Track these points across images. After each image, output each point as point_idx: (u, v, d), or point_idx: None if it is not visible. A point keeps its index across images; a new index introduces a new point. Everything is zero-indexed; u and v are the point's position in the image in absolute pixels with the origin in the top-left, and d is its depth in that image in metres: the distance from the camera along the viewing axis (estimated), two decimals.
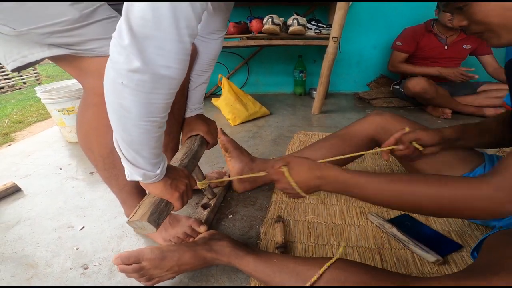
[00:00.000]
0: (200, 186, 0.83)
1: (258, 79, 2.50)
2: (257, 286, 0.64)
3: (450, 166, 0.75)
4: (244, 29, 1.86)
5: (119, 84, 0.42)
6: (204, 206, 0.89)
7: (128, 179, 0.53)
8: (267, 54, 2.39)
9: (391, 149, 0.70)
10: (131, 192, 0.75)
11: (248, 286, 0.65)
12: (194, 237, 0.76)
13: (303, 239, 0.78)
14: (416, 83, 1.69)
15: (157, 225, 0.55)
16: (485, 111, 1.68)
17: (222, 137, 0.97)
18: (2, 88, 3.81)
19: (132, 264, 0.60)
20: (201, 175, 0.85)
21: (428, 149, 0.68)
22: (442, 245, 0.72)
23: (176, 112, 0.81)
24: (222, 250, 0.64)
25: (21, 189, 1.13)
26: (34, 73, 4.40)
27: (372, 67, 2.33)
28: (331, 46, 1.63)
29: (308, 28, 1.82)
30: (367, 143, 0.88)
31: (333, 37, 1.60)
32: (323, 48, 1.68)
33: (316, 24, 1.82)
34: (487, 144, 0.73)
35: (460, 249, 0.72)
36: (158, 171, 0.54)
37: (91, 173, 1.22)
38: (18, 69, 0.57)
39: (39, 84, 4.20)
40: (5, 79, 3.90)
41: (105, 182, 0.74)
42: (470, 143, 0.71)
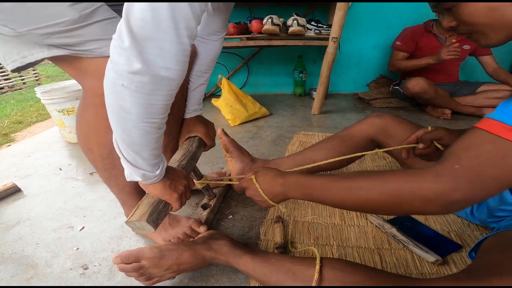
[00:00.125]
0: (199, 186, 0.83)
1: (258, 80, 2.51)
2: (257, 286, 0.64)
3: None
4: (244, 30, 1.86)
5: (119, 86, 0.42)
6: (204, 207, 0.89)
7: (127, 180, 0.53)
8: (267, 55, 2.39)
9: (412, 147, 0.69)
10: (131, 193, 0.75)
11: (247, 286, 0.65)
12: (194, 238, 0.76)
13: (302, 239, 0.78)
14: (416, 83, 1.69)
15: (156, 225, 0.56)
16: (485, 112, 1.68)
17: (223, 137, 0.97)
18: (2, 88, 3.81)
19: (131, 263, 0.60)
20: (199, 176, 0.84)
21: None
22: (441, 246, 0.72)
23: (175, 113, 0.81)
24: (221, 249, 0.64)
25: (21, 189, 1.13)
26: (34, 74, 4.40)
27: (371, 67, 2.34)
28: (330, 47, 1.63)
29: (308, 29, 1.82)
30: (367, 144, 0.88)
31: (332, 37, 1.60)
32: (323, 49, 1.68)
33: (316, 24, 1.82)
34: None
35: (460, 249, 0.72)
36: (157, 171, 0.54)
37: (91, 174, 1.22)
38: (18, 69, 0.57)
39: (39, 84, 4.20)
40: (5, 80, 3.90)
41: (104, 183, 0.75)
42: None
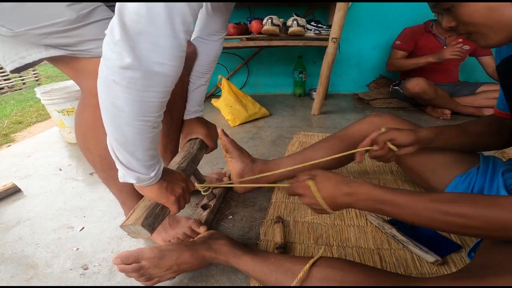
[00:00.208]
0: (201, 190, 0.82)
1: (258, 80, 2.51)
2: (257, 286, 0.64)
3: (445, 167, 0.75)
4: (243, 30, 1.86)
5: (111, 82, 0.41)
6: (204, 207, 0.89)
7: (120, 181, 0.51)
8: (267, 55, 2.39)
9: (367, 150, 0.70)
10: (131, 193, 0.75)
11: (247, 286, 0.65)
12: (193, 238, 0.76)
13: (302, 239, 0.78)
14: (415, 83, 1.69)
15: (152, 230, 0.54)
16: (484, 112, 1.69)
17: (223, 137, 0.97)
18: (2, 89, 3.81)
19: (131, 264, 0.60)
20: (201, 179, 0.83)
21: (403, 150, 0.68)
22: (441, 246, 0.72)
23: (174, 113, 0.80)
24: (221, 249, 0.64)
25: (21, 189, 1.13)
26: (34, 74, 4.41)
27: (371, 67, 2.34)
28: (330, 47, 1.63)
29: (307, 29, 1.82)
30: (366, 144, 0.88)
31: (332, 38, 1.60)
32: (323, 49, 1.69)
33: (315, 25, 1.83)
34: (467, 147, 0.73)
35: (459, 249, 0.72)
36: (152, 173, 0.52)
37: (91, 174, 1.22)
38: (16, 70, 0.57)
39: (38, 84, 4.20)
40: (5, 80, 3.90)
41: (104, 183, 0.74)
42: (447, 145, 0.71)
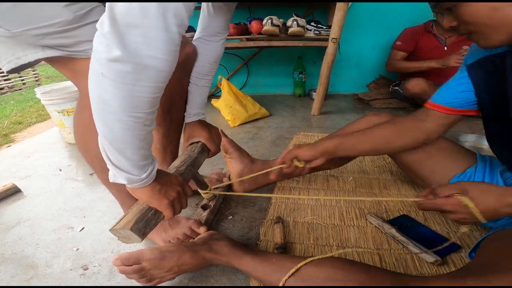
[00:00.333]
0: (204, 195, 0.81)
1: (258, 80, 2.51)
2: (257, 286, 0.64)
3: (444, 167, 0.76)
4: (243, 30, 1.87)
5: (99, 75, 0.39)
6: (204, 207, 0.89)
7: (110, 181, 0.49)
8: (267, 55, 2.39)
9: (280, 168, 0.76)
10: (130, 194, 0.75)
11: (247, 286, 0.65)
12: (193, 238, 0.76)
13: (302, 240, 0.79)
14: (415, 84, 1.70)
15: (143, 235, 0.52)
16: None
17: (223, 138, 0.97)
18: (2, 89, 3.81)
19: (132, 265, 0.60)
20: (202, 183, 0.79)
21: (313, 163, 0.74)
22: (441, 246, 0.72)
23: (174, 114, 0.80)
24: (221, 250, 0.64)
25: (21, 190, 1.13)
26: (34, 74, 4.41)
27: (371, 68, 2.34)
28: (330, 47, 1.64)
29: (307, 29, 1.82)
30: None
31: (332, 38, 1.60)
32: (323, 49, 1.69)
33: (315, 25, 1.83)
34: (370, 152, 0.77)
35: (459, 249, 0.72)
36: (144, 175, 0.50)
37: (91, 174, 1.22)
38: (13, 70, 0.56)
39: (38, 85, 4.20)
40: (5, 80, 3.90)
41: (103, 184, 0.74)
42: (352, 153, 0.76)
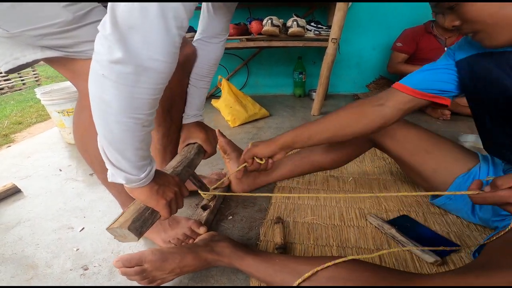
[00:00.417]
0: (204, 197, 0.81)
1: (258, 81, 2.51)
2: (257, 286, 0.65)
3: (446, 167, 0.76)
4: (243, 31, 1.87)
5: (100, 76, 0.40)
6: (204, 208, 0.89)
7: (109, 180, 0.50)
8: (267, 56, 2.39)
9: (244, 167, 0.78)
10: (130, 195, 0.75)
11: (248, 286, 0.65)
12: (193, 239, 0.76)
13: (302, 240, 0.79)
14: None
15: (139, 234, 0.52)
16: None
17: (221, 138, 0.97)
18: (2, 89, 3.81)
19: (133, 267, 0.60)
20: (202, 184, 0.80)
21: (274, 157, 0.77)
22: (441, 246, 0.72)
23: (174, 115, 0.80)
24: (223, 251, 0.64)
25: (21, 190, 1.13)
26: (34, 74, 4.41)
27: (371, 68, 2.34)
28: (330, 48, 1.64)
29: (307, 30, 1.82)
30: (364, 143, 0.89)
31: (332, 38, 1.60)
32: (323, 50, 1.69)
33: (315, 25, 1.83)
34: (328, 140, 0.79)
35: (459, 250, 0.72)
36: (142, 175, 0.50)
37: (91, 175, 1.22)
38: (11, 71, 0.56)
39: (38, 85, 4.20)
40: (5, 80, 3.90)
41: (103, 184, 0.74)
42: (312, 142, 0.77)
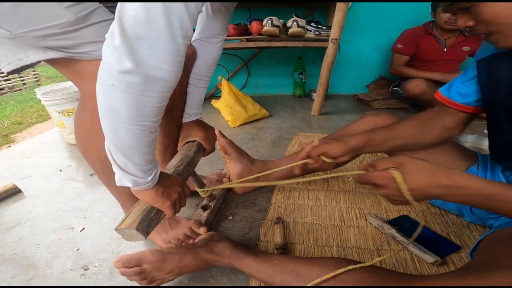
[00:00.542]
0: (202, 194, 0.82)
1: (258, 81, 2.51)
2: (257, 286, 0.65)
3: (445, 166, 0.75)
4: (243, 31, 1.87)
5: (109, 85, 0.41)
6: (204, 208, 0.89)
7: (117, 184, 0.51)
8: (267, 56, 2.39)
9: (304, 163, 0.74)
10: (131, 195, 0.74)
11: (247, 286, 0.65)
12: (194, 239, 0.76)
13: (302, 240, 0.79)
14: (416, 84, 1.70)
15: (146, 234, 0.54)
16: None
17: (221, 139, 0.97)
18: (2, 89, 3.81)
19: (133, 267, 0.60)
20: (200, 183, 0.82)
21: (338, 159, 0.72)
22: (441, 246, 0.73)
23: (175, 115, 0.81)
24: (223, 252, 0.64)
25: (21, 190, 1.13)
26: (34, 75, 4.40)
27: (371, 68, 2.34)
28: (330, 48, 1.64)
29: (307, 30, 1.82)
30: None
31: (332, 38, 1.60)
32: (323, 50, 1.69)
33: (315, 25, 1.83)
34: (400, 148, 0.75)
35: (459, 250, 0.72)
36: (149, 178, 0.52)
37: (91, 175, 1.22)
38: (13, 72, 0.56)
39: (39, 85, 4.20)
40: (5, 80, 3.90)
41: (104, 185, 0.75)
42: (380, 149, 0.75)
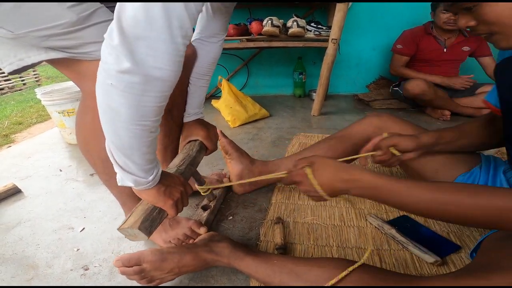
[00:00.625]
0: (202, 192, 0.82)
1: (258, 81, 2.51)
2: (257, 286, 0.65)
3: (447, 167, 0.75)
4: (243, 31, 1.87)
5: (108, 85, 0.41)
6: (204, 208, 0.89)
7: (119, 184, 0.51)
8: (267, 56, 2.39)
9: (371, 155, 0.72)
10: (131, 195, 0.74)
11: (247, 286, 0.65)
12: (194, 239, 0.76)
13: (302, 240, 0.79)
14: (416, 85, 1.70)
15: (149, 233, 0.54)
16: (484, 113, 1.69)
17: (222, 139, 0.97)
18: (2, 89, 3.81)
19: (133, 267, 0.60)
20: (202, 182, 0.82)
21: (406, 155, 0.69)
22: (441, 246, 0.73)
23: (175, 114, 0.81)
24: (222, 252, 0.64)
25: (21, 190, 1.13)
26: (34, 75, 4.40)
27: (371, 68, 2.34)
28: (330, 48, 1.64)
29: (307, 30, 1.82)
30: (366, 144, 0.88)
31: (332, 39, 1.60)
32: (323, 50, 1.69)
33: (315, 26, 1.83)
34: (467, 147, 0.74)
35: (459, 250, 0.72)
36: (150, 177, 0.52)
37: (91, 175, 1.22)
38: (15, 72, 0.56)
39: (39, 85, 4.20)
40: (5, 81, 3.90)
41: (104, 185, 0.75)
42: (449, 148, 0.73)
